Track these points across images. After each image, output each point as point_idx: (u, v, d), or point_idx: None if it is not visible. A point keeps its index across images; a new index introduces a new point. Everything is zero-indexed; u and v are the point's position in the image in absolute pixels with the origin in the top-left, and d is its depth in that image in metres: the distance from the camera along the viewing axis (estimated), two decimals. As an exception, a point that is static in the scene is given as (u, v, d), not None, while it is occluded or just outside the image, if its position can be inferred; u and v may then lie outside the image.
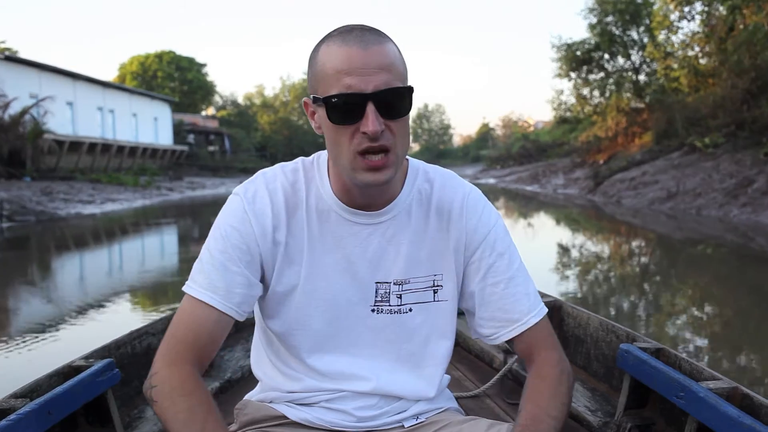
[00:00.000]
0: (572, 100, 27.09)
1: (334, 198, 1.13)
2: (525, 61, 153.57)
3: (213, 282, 1.07)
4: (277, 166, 1.18)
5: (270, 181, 1.14)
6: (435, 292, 1.17)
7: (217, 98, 56.88)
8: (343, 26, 1.06)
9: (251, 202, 1.11)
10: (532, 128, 56.78)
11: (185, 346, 1.05)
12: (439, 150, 77.30)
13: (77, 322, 5.13)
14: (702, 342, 4.39)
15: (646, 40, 23.09)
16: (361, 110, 1.00)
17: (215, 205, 19.13)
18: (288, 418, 1.17)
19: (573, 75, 25.68)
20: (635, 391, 1.57)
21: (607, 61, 25.09)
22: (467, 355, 2.30)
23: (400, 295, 1.15)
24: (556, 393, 1.09)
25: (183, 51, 53.58)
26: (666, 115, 18.50)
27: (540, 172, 25.13)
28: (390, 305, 1.15)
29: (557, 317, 2.07)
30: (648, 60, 23.17)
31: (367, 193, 1.10)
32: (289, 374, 1.18)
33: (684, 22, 19.78)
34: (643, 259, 8.42)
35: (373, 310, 1.15)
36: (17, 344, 4.46)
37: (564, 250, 9.14)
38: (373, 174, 1.03)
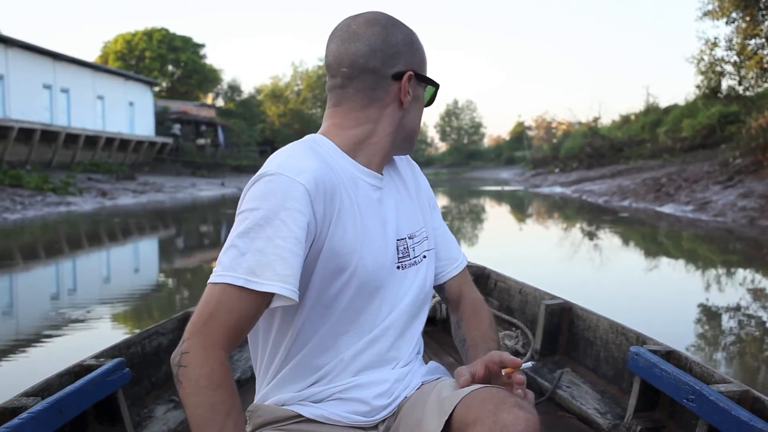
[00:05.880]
0: (734, 57, 16.14)
1: (358, 165, 1.17)
2: (552, 64, 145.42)
3: (273, 267, 1.03)
4: (292, 144, 1.16)
5: (303, 155, 1.12)
6: (427, 239, 1.27)
7: (225, 87, 49.71)
8: (387, 15, 1.17)
9: (298, 173, 1.07)
10: (563, 129, 48.38)
11: (224, 331, 1.02)
12: (469, 150, 70.27)
13: None
14: None
15: None
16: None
17: (128, 230, 9.75)
18: (303, 416, 1.17)
19: (737, 16, 15.19)
20: (645, 393, 1.63)
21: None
22: None
23: (414, 247, 1.23)
24: (492, 324, 1.31)
25: (195, 38, 45.92)
26: None
27: (665, 182, 15.33)
28: (410, 258, 1.22)
29: (567, 319, 2.09)
30: None
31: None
32: (301, 372, 1.17)
33: None
34: None
35: (398, 267, 1.20)
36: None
37: None
38: None
